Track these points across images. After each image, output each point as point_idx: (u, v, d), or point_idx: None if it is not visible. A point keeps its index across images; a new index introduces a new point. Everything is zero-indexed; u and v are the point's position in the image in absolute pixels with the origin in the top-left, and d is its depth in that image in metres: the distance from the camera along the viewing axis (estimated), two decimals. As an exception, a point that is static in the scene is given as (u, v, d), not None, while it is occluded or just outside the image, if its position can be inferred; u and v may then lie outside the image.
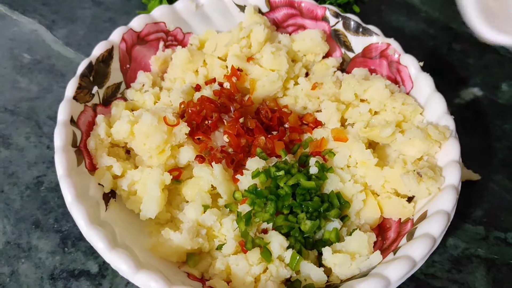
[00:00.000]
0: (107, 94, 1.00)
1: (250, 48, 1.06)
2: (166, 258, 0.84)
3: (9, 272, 0.92)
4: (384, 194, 0.91)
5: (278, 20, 1.15)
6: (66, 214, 1.00)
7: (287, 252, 0.82)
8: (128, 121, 0.91)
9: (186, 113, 0.95)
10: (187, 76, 1.07)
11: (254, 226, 0.85)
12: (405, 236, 0.83)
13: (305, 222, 0.83)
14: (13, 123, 1.14)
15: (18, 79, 1.23)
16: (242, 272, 0.79)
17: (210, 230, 0.86)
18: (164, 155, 0.91)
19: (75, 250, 0.95)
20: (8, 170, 1.06)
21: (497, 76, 1.34)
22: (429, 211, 0.83)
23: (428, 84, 0.97)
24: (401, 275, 0.73)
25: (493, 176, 1.12)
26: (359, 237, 0.83)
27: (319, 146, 0.97)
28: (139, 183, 0.89)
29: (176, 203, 0.93)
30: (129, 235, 0.83)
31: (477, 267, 0.97)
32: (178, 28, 1.12)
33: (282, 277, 0.81)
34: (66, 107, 0.88)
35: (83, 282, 0.92)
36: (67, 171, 0.81)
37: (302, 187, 0.86)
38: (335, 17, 1.10)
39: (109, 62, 1.00)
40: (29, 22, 1.36)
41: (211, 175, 0.88)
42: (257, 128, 0.97)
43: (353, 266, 0.80)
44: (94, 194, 0.85)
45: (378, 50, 1.06)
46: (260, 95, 1.04)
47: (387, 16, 1.49)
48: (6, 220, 0.99)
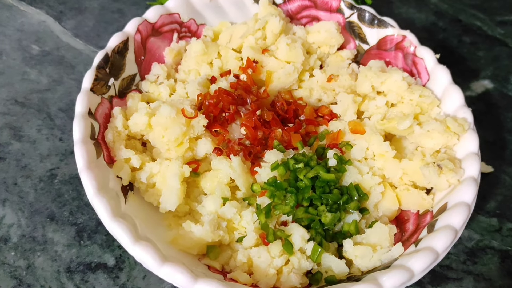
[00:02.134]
0: (122, 86, 0.99)
1: (265, 40, 1.06)
2: (186, 251, 0.84)
3: (25, 266, 0.92)
4: (402, 186, 0.91)
5: (292, 12, 1.14)
6: (81, 207, 0.99)
7: (308, 245, 0.82)
8: (146, 113, 0.90)
9: (203, 105, 0.95)
10: (201, 68, 1.07)
11: (274, 218, 0.85)
12: (425, 228, 0.83)
13: (326, 214, 0.83)
14: (24, 115, 1.13)
15: (28, 71, 1.22)
16: (265, 264, 0.79)
17: (230, 223, 0.86)
18: (183, 148, 0.90)
19: (91, 243, 0.95)
20: (21, 162, 1.05)
21: (507, 69, 1.34)
22: (449, 203, 0.83)
23: (445, 76, 0.97)
24: (425, 266, 0.73)
25: (505, 168, 1.12)
26: (380, 229, 0.83)
27: (335, 139, 0.96)
28: (158, 176, 0.89)
29: (194, 195, 0.92)
30: (149, 228, 0.83)
31: (491, 258, 0.98)
32: (192, 20, 1.11)
33: (304, 269, 0.81)
34: (84, 99, 0.87)
35: (100, 275, 0.91)
36: (88, 163, 0.80)
37: (321, 180, 0.86)
38: (350, 8, 1.09)
39: (124, 54, 0.99)
40: (37, 13, 1.35)
41: (229, 167, 0.88)
42: (274, 121, 0.97)
43: (375, 258, 0.81)
44: (113, 186, 0.85)
45: (393, 42, 1.06)
46: (275, 87, 1.03)
47: (397, 9, 1.49)
48: (21, 213, 0.98)
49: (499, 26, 1.45)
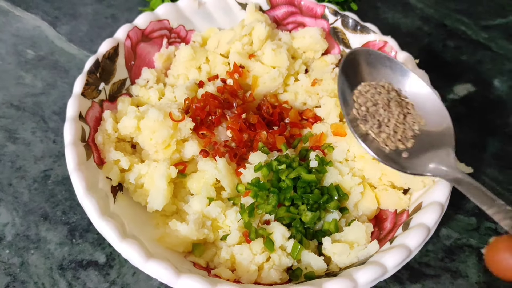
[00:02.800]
0: (113, 90, 1.02)
1: (251, 46, 1.09)
2: (173, 248, 0.87)
3: (19, 263, 0.95)
4: (381, 187, 0.94)
5: (279, 18, 1.18)
6: (73, 207, 1.03)
7: (289, 242, 0.86)
8: (135, 117, 0.94)
9: (190, 108, 0.99)
10: (190, 73, 1.10)
11: (257, 217, 0.89)
12: (401, 226, 0.87)
13: (306, 213, 0.87)
14: (19, 118, 1.17)
15: (23, 75, 1.26)
16: (246, 261, 0.83)
17: (215, 222, 0.90)
18: (170, 150, 0.94)
19: (83, 241, 0.99)
20: (16, 164, 1.09)
21: (489, 72, 1.38)
22: (424, 203, 0.87)
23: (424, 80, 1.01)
24: (397, 262, 0.77)
25: (484, 169, 1.16)
26: (357, 228, 0.87)
27: (318, 141, 1.00)
28: (146, 177, 0.92)
29: (181, 195, 0.96)
30: (137, 226, 0.86)
31: (469, 256, 1.02)
32: (181, 26, 1.15)
33: (284, 266, 0.85)
34: (74, 103, 0.91)
35: (91, 272, 0.95)
36: (77, 165, 0.84)
37: (303, 180, 0.90)
38: (334, 15, 1.13)
39: (115, 59, 1.02)
40: (32, 18, 1.38)
41: (215, 168, 0.92)
42: (259, 123, 1.00)
43: (352, 255, 0.84)
44: (103, 187, 0.88)
45: (375, 48, 1.10)
46: (261, 91, 1.07)
47: (383, 13, 1.52)
48: (15, 213, 1.02)
49: (483, 31, 1.49)
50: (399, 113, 0.81)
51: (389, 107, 0.81)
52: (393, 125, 0.80)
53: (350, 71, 0.84)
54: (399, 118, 0.80)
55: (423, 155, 0.78)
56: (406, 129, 0.80)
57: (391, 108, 0.81)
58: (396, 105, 0.81)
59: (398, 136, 0.80)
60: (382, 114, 0.80)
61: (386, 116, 0.80)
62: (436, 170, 0.73)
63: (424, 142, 0.80)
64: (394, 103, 0.81)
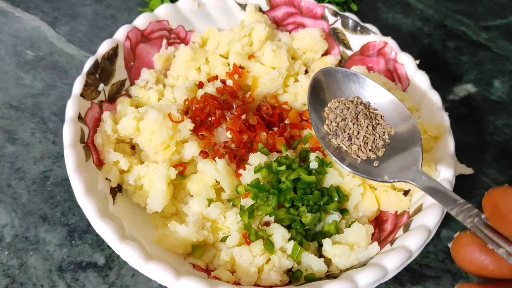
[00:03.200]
0: (112, 91, 1.02)
1: (251, 46, 1.09)
2: (172, 250, 0.87)
3: (18, 265, 0.95)
4: (381, 188, 0.94)
5: (278, 19, 1.17)
6: (73, 208, 1.03)
7: (289, 244, 0.85)
8: (134, 118, 0.93)
9: (190, 109, 0.98)
10: (190, 74, 1.10)
11: (256, 219, 0.89)
12: (402, 228, 0.87)
13: (306, 215, 0.87)
14: (18, 119, 1.17)
15: (22, 76, 1.25)
16: (246, 263, 0.83)
17: (214, 223, 0.89)
18: (169, 151, 0.94)
19: (82, 242, 0.98)
20: (15, 165, 1.09)
21: (490, 73, 1.38)
22: (424, 204, 0.86)
23: (424, 81, 1.01)
24: (398, 264, 0.76)
25: (485, 170, 1.16)
26: (358, 229, 0.86)
27: (318, 142, 1.00)
28: (145, 178, 0.92)
29: (180, 197, 0.96)
30: (136, 228, 0.86)
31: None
32: (181, 26, 1.15)
33: (284, 268, 0.85)
34: (74, 104, 0.91)
35: (91, 273, 0.95)
36: (77, 166, 0.84)
37: (302, 181, 0.89)
38: (334, 16, 1.13)
39: (114, 60, 1.02)
40: (32, 19, 1.38)
41: (215, 170, 0.91)
42: (259, 124, 1.00)
43: (352, 257, 0.84)
44: (102, 188, 0.88)
45: (375, 48, 1.10)
46: (261, 92, 1.07)
47: (383, 14, 1.52)
48: (14, 214, 1.01)
49: (483, 31, 1.49)
50: (367, 125, 0.85)
51: (357, 120, 0.85)
52: (363, 136, 0.84)
53: (320, 90, 0.89)
54: (368, 129, 0.84)
55: (392, 163, 0.81)
56: (376, 139, 0.84)
57: (359, 121, 0.85)
58: (364, 118, 0.85)
59: (368, 147, 0.83)
60: (351, 127, 0.84)
61: (355, 129, 0.84)
62: (402, 176, 0.76)
63: (394, 149, 0.83)
64: (363, 116, 0.85)
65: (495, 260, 0.43)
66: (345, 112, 0.86)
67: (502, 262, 0.43)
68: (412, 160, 0.78)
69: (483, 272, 0.43)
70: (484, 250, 0.43)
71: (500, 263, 0.43)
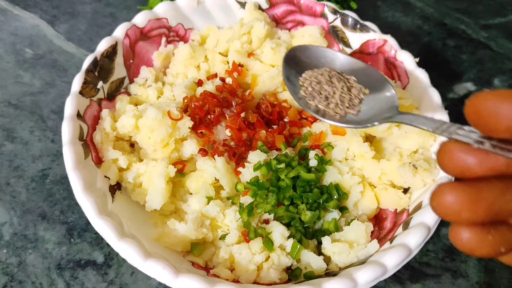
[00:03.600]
0: (111, 89, 1.02)
1: (250, 44, 1.09)
2: (171, 248, 0.87)
3: (17, 263, 0.95)
4: (380, 186, 0.94)
5: (278, 17, 1.17)
6: (72, 206, 1.03)
7: (288, 242, 0.85)
8: (133, 116, 0.93)
9: (189, 107, 0.98)
10: (189, 71, 1.10)
11: (256, 216, 0.88)
12: (401, 225, 0.86)
13: (305, 212, 0.86)
14: (17, 117, 1.16)
15: (21, 74, 1.25)
16: (245, 261, 0.83)
17: (213, 221, 0.89)
18: (168, 149, 0.94)
19: (81, 240, 0.98)
20: (14, 163, 1.09)
21: (489, 71, 1.37)
22: (424, 202, 0.86)
23: (423, 79, 1.01)
24: (397, 262, 0.76)
25: (485, 168, 1.15)
26: (357, 227, 0.86)
27: (318, 140, 1.00)
28: (144, 176, 0.92)
29: (180, 195, 0.95)
30: (135, 226, 0.86)
31: (469, 256, 1.01)
32: (180, 24, 1.14)
33: (284, 265, 0.84)
34: (72, 102, 0.90)
35: (90, 271, 0.94)
36: (75, 164, 0.83)
37: (302, 179, 0.89)
38: (334, 14, 1.13)
39: (113, 58, 1.02)
40: (31, 17, 1.38)
41: (214, 168, 0.91)
42: (258, 122, 1.00)
43: (352, 255, 0.84)
44: (101, 186, 0.88)
45: (375, 46, 1.09)
46: (260, 90, 1.06)
47: (383, 12, 1.52)
48: (13, 212, 1.01)
49: (483, 30, 1.48)
50: (342, 86, 0.89)
51: (332, 83, 0.90)
52: (339, 96, 0.88)
53: (293, 64, 0.93)
54: (343, 90, 0.89)
55: (370, 111, 0.86)
56: (352, 98, 0.89)
57: (334, 83, 0.90)
58: (338, 80, 0.90)
59: (346, 104, 0.88)
60: (327, 89, 0.89)
61: (330, 90, 0.89)
62: (381, 117, 0.81)
63: (371, 104, 0.88)
64: (336, 79, 0.90)
65: (479, 158, 0.43)
66: (319, 78, 0.90)
67: (486, 159, 0.43)
68: (389, 104, 0.83)
69: (467, 174, 0.44)
70: (469, 152, 0.43)
71: (484, 161, 0.43)
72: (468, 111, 0.43)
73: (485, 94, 0.42)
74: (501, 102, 0.41)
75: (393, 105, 0.83)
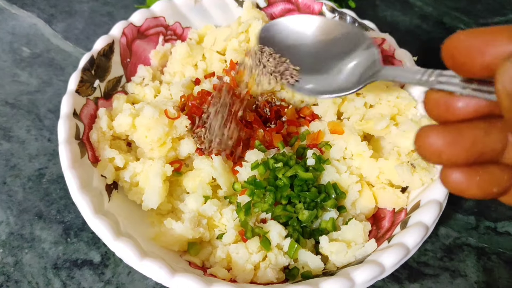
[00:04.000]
0: (108, 87, 1.01)
1: (248, 43, 1.08)
2: (168, 247, 0.86)
3: (13, 262, 0.94)
4: (379, 185, 0.93)
5: (276, 15, 1.17)
6: (68, 206, 1.02)
7: (286, 241, 0.85)
8: (130, 114, 0.93)
9: (186, 106, 0.98)
10: (186, 70, 1.09)
11: (253, 216, 0.88)
12: (399, 225, 0.86)
13: (303, 212, 0.86)
14: (14, 116, 1.16)
15: (18, 73, 1.25)
16: (242, 260, 0.82)
17: (210, 220, 0.89)
18: (165, 148, 0.93)
19: (78, 240, 0.98)
20: (10, 162, 1.08)
21: (488, 71, 1.37)
22: (422, 201, 0.86)
23: (422, 78, 1.00)
24: (395, 261, 0.76)
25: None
26: (355, 226, 0.86)
27: (316, 139, 0.99)
28: (141, 175, 0.91)
29: (177, 194, 0.95)
30: (132, 225, 0.85)
31: (468, 255, 1.01)
32: (177, 23, 1.14)
33: (281, 265, 0.84)
34: (69, 100, 0.90)
35: (86, 271, 0.94)
36: (71, 163, 0.83)
37: (299, 178, 0.89)
38: (332, 12, 1.12)
39: (110, 56, 1.01)
40: (28, 16, 1.37)
41: (211, 167, 0.91)
42: (256, 121, 0.99)
43: (349, 254, 0.83)
44: (97, 185, 0.87)
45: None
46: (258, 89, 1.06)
47: (381, 12, 1.52)
48: (9, 211, 1.01)
49: (482, 29, 1.48)
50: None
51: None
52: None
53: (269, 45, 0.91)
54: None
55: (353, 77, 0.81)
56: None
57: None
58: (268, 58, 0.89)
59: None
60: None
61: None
62: (366, 78, 0.77)
63: (350, 66, 0.84)
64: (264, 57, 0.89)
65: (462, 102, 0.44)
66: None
67: (469, 102, 0.44)
68: (369, 61, 0.79)
69: (451, 118, 0.45)
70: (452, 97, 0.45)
71: (467, 104, 0.44)
72: (444, 55, 0.44)
73: (457, 34, 0.43)
74: (473, 38, 0.41)
75: (374, 60, 0.78)
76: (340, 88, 0.82)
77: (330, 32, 0.89)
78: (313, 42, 0.90)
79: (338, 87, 0.82)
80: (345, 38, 0.87)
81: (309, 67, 0.88)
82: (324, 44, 0.89)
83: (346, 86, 0.81)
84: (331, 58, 0.87)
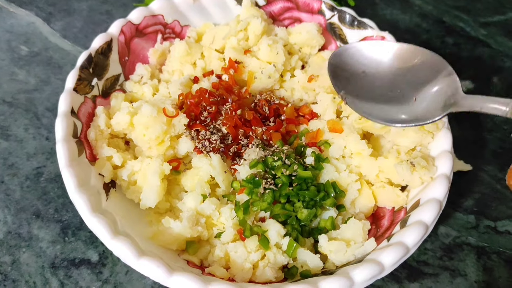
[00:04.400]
0: (106, 86, 1.01)
1: (247, 41, 1.08)
2: (166, 246, 0.86)
3: (11, 261, 0.94)
4: (378, 184, 0.93)
5: (275, 13, 1.16)
6: (66, 204, 1.01)
7: (284, 240, 0.84)
8: (128, 113, 0.92)
9: (184, 104, 0.97)
10: (185, 68, 1.09)
11: (252, 214, 0.87)
12: (399, 224, 0.85)
13: (302, 210, 0.85)
14: (12, 115, 1.15)
15: (16, 71, 1.24)
16: (241, 259, 0.82)
17: (209, 219, 0.88)
18: (164, 146, 0.93)
19: (75, 239, 0.97)
20: (8, 161, 1.07)
21: (488, 69, 1.36)
22: (421, 200, 0.85)
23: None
24: (395, 260, 0.75)
25: (484, 166, 1.15)
26: (354, 225, 0.85)
27: (315, 137, 0.99)
28: (139, 173, 0.91)
29: (175, 192, 0.94)
30: (130, 224, 0.85)
31: (467, 254, 1.00)
32: (176, 21, 1.13)
33: (280, 264, 0.83)
34: (66, 99, 0.89)
35: (84, 270, 0.93)
36: (69, 161, 0.82)
37: (298, 177, 0.88)
38: (331, 10, 1.12)
39: (108, 54, 1.01)
40: (26, 15, 1.37)
41: (209, 165, 0.90)
42: (255, 120, 0.99)
43: (348, 253, 0.83)
44: (95, 184, 0.87)
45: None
46: (257, 87, 1.05)
47: (381, 10, 1.51)
48: (7, 210, 1.00)
49: (482, 27, 1.47)
50: None
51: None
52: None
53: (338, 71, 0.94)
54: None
55: (430, 105, 0.82)
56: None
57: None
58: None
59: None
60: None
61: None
62: (444, 107, 0.78)
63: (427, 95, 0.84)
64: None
65: None
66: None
67: None
68: (449, 90, 0.79)
69: None
70: None
71: None
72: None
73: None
74: None
75: (455, 87, 0.76)
76: (418, 117, 0.82)
77: (408, 60, 0.88)
78: (389, 70, 0.89)
79: (416, 116, 0.83)
80: (425, 65, 0.86)
81: (383, 94, 0.88)
82: (401, 71, 0.88)
83: (425, 115, 0.82)
84: (408, 85, 0.86)
